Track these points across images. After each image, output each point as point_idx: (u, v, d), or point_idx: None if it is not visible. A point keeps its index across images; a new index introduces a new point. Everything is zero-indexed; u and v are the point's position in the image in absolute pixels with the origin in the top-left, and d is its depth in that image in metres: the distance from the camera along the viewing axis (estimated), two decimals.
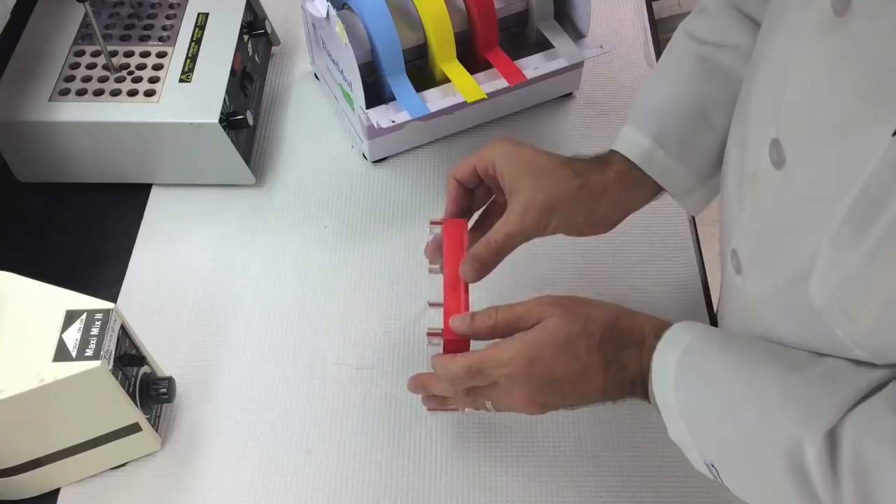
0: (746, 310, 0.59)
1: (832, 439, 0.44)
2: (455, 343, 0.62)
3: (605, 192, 0.65)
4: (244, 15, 0.88)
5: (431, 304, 0.63)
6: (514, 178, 0.63)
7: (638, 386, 0.56)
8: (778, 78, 0.49)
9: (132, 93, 0.80)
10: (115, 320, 0.61)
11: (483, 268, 0.64)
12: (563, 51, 0.86)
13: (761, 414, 0.48)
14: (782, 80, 0.48)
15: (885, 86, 0.40)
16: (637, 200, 0.68)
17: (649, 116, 0.66)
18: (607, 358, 0.56)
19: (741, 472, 0.51)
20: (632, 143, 0.66)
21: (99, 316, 0.61)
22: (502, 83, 0.83)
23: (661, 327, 0.56)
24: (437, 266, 0.70)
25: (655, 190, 0.67)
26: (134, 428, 0.64)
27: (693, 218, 0.84)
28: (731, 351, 0.53)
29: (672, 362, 0.53)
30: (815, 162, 0.46)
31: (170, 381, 0.67)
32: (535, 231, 0.64)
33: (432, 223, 0.67)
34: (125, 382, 0.62)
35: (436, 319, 0.62)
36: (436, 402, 0.66)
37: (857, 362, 0.47)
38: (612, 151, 0.66)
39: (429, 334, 0.62)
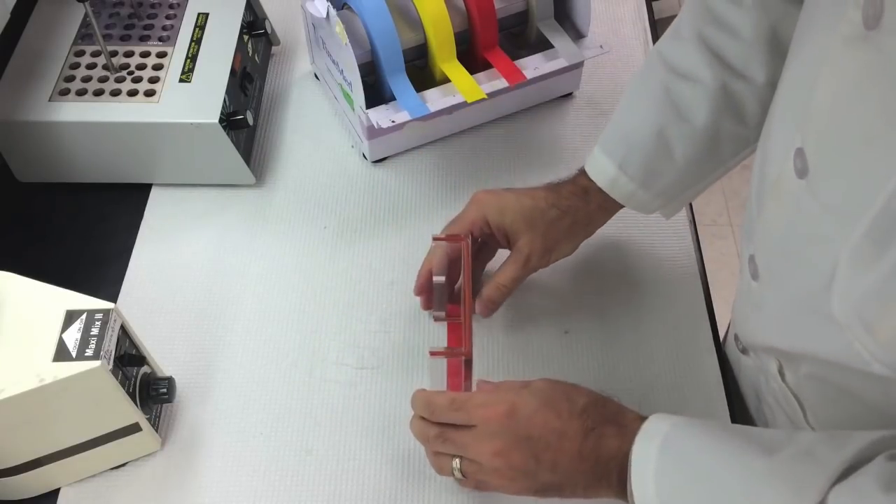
0: (762, 316, 0.59)
1: None
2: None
3: (590, 222, 0.73)
4: (244, 15, 0.88)
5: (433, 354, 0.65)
6: (511, 232, 0.70)
7: (614, 470, 0.54)
8: (805, 87, 0.49)
9: (132, 93, 0.80)
10: (115, 320, 0.61)
11: (495, 307, 0.73)
12: (563, 51, 0.86)
13: (747, 497, 0.48)
14: (809, 90, 0.48)
15: None
16: (611, 216, 0.75)
17: (617, 142, 0.70)
18: (587, 425, 0.55)
19: None
20: (599, 168, 0.70)
21: (99, 316, 0.61)
22: (502, 83, 0.83)
23: (642, 417, 0.56)
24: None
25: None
26: (134, 428, 0.64)
27: (693, 218, 0.84)
28: (709, 438, 0.52)
29: (652, 454, 0.52)
30: (839, 174, 0.46)
31: (170, 381, 0.67)
32: (536, 270, 0.72)
33: (436, 238, 0.70)
34: (125, 382, 0.62)
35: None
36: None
37: (831, 436, 0.48)
38: (584, 172, 0.72)
39: (432, 353, 0.64)
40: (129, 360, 0.63)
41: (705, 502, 0.50)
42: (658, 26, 1.03)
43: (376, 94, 0.83)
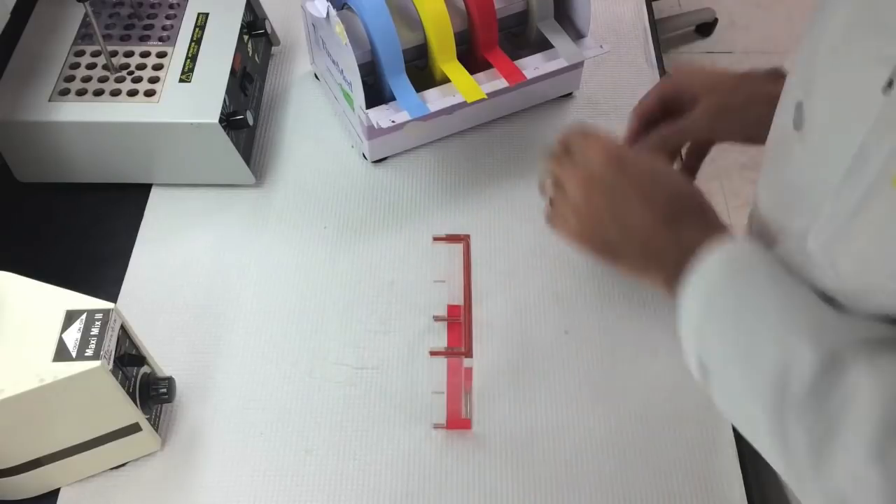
0: None
1: (832, 362, 0.45)
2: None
3: (770, 102, 0.69)
4: (244, 15, 0.88)
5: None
6: (694, 93, 0.71)
7: (676, 254, 0.54)
8: (810, 40, 0.51)
9: (132, 93, 0.80)
10: (115, 320, 0.61)
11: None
12: (563, 51, 0.86)
13: (785, 324, 0.48)
14: (813, 43, 0.50)
15: (887, 44, 0.41)
16: None
17: None
18: (673, 210, 0.56)
19: (732, 378, 0.51)
20: None
21: (99, 316, 0.61)
22: (502, 83, 0.83)
23: (727, 227, 0.56)
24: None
25: None
26: (134, 428, 0.64)
27: None
28: (780, 269, 0.52)
29: (724, 253, 0.52)
30: (827, 122, 0.48)
31: (170, 381, 0.67)
32: (704, 131, 0.72)
33: (436, 238, 0.70)
34: (125, 382, 0.62)
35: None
36: None
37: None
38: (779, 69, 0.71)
39: (432, 353, 0.63)
40: (129, 360, 0.63)
41: (745, 315, 0.50)
42: (658, 26, 1.03)
43: (376, 94, 0.83)
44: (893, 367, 0.44)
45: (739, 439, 0.70)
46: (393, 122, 0.80)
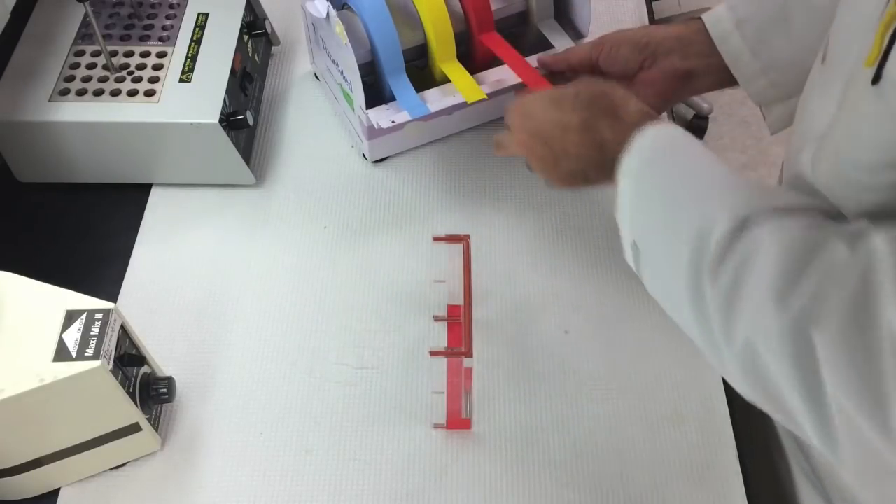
0: None
1: (743, 225, 0.47)
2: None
3: (668, 49, 0.72)
4: (244, 15, 0.88)
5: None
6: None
7: (609, 155, 0.58)
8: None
9: (132, 93, 0.80)
10: (115, 320, 0.61)
11: (544, 69, 0.81)
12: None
13: (700, 194, 0.52)
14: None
15: None
16: (699, 76, 0.72)
17: (739, 2, 0.70)
18: (585, 118, 0.61)
19: (658, 253, 0.54)
20: (717, 18, 0.70)
21: (99, 316, 0.61)
22: (502, 84, 0.82)
23: (645, 111, 0.60)
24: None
25: (724, 77, 0.71)
26: (134, 428, 0.64)
27: None
28: (699, 147, 0.56)
29: (650, 137, 0.56)
30: (838, 52, 0.52)
31: (170, 381, 0.67)
32: (587, 54, 0.76)
33: (436, 238, 0.70)
34: (125, 382, 0.62)
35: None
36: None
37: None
38: (699, 20, 0.72)
39: (432, 353, 0.64)
40: (129, 360, 0.63)
41: (667, 190, 0.54)
42: None
43: (376, 94, 0.83)
44: (795, 223, 0.46)
45: (740, 439, 0.70)
46: (393, 122, 0.80)
